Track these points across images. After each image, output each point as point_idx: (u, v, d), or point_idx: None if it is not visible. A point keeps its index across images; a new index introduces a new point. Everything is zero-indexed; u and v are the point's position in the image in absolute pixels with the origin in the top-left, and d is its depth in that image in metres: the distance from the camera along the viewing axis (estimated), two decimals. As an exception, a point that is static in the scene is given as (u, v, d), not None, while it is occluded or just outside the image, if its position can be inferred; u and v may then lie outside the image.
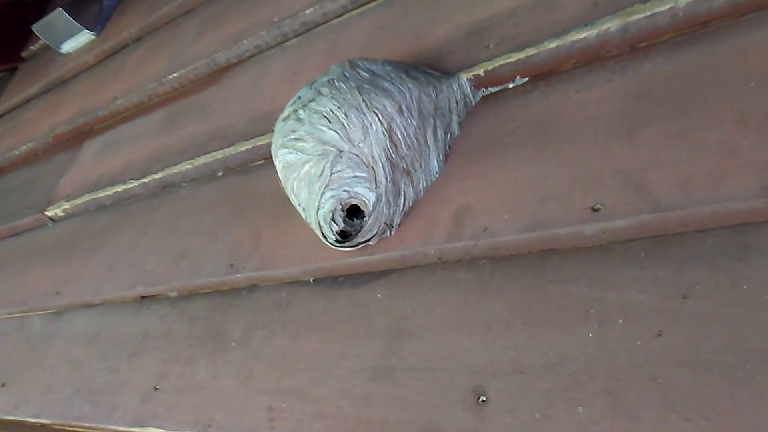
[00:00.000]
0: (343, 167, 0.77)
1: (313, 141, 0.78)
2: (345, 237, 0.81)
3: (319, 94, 0.80)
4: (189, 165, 1.22)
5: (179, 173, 1.25)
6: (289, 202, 0.87)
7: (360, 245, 0.81)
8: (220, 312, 0.99)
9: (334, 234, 0.80)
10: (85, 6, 1.89)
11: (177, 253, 1.12)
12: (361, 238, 0.80)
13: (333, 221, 0.80)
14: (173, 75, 1.43)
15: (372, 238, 0.80)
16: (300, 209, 0.84)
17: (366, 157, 0.77)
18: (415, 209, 0.80)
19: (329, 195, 0.79)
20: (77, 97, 1.78)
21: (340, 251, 0.83)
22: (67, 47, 1.92)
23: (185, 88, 1.43)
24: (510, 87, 0.82)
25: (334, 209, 0.79)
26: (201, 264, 1.05)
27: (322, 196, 0.79)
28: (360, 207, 0.79)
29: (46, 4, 2.20)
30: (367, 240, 0.80)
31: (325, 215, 0.80)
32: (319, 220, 0.81)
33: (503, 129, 0.78)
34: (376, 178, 0.77)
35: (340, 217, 0.80)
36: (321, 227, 0.81)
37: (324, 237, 0.82)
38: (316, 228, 0.82)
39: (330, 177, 0.78)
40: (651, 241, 0.61)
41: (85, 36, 1.87)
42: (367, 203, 0.78)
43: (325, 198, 0.79)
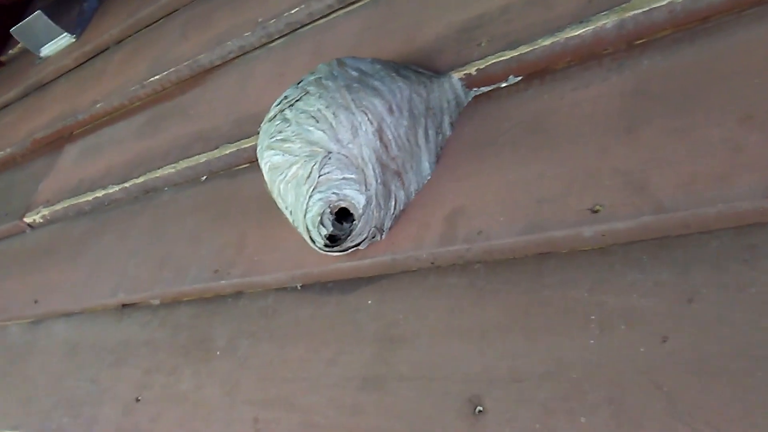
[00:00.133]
0: (332, 169, 0.75)
1: (301, 142, 0.76)
2: (334, 241, 0.78)
3: (306, 93, 0.77)
4: (172, 169, 1.19)
5: (161, 177, 1.22)
6: (276, 205, 0.84)
7: (349, 250, 0.78)
8: (204, 320, 0.96)
9: (322, 238, 0.78)
10: (65, 9, 1.86)
11: (159, 260, 1.09)
12: (351, 242, 0.77)
13: (321, 225, 0.77)
14: (155, 77, 1.39)
15: (362, 242, 0.77)
16: (287, 213, 0.81)
17: (355, 158, 0.74)
18: (407, 212, 0.78)
19: (317, 198, 0.76)
20: (57, 101, 1.74)
21: (328, 256, 0.80)
22: (47, 51, 1.89)
23: (168, 90, 1.40)
24: (503, 86, 0.79)
25: (322, 212, 0.76)
26: (184, 270, 1.02)
27: (309, 198, 0.76)
28: (349, 210, 0.76)
29: (25, 6, 2.16)
30: (357, 244, 0.77)
31: (313, 219, 0.77)
32: (307, 223, 0.78)
33: (497, 129, 0.76)
34: (366, 180, 0.74)
35: (328, 221, 0.77)
36: (309, 231, 0.78)
37: (312, 241, 0.79)
38: (303, 232, 0.79)
39: (318, 179, 0.75)
40: (653, 244, 0.58)
41: (65, 39, 1.84)
42: (357, 206, 0.75)
43: (313, 201, 0.76)
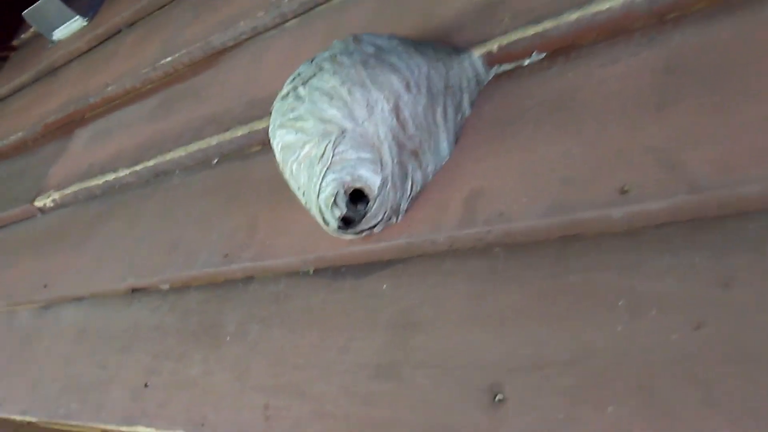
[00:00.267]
0: (347, 148, 0.72)
1: (314, 120, 0.73)
2: (348, 224, 0.75)
3: (321, 69, 0.74)
4: (182, 152, 1.17)
5: (172, 161, 1.20)
6: (288, 187, 0.81)
7: (364, 233, 0.75)
8: (214, 305, 0.94)
9: (336, 220, 0.75)
10: (78, -9, 1.85)
11: (169, 244, 1.07)
12: (365, 224, 0.74)
13: (335, 206, 0.74)
14: (167, 59, 1.37)
15: (377, 224, 0.74)
16: (299, 194, 0.79)
17: (371, 137, 0.71)
18: (424, 194, 0.75)
19: (331, 178, 0.73)
20: (68, 85, 1.73)
21: (342, 239, 0.78)
22: (59, 34, 1.87)
23: (180, 72, 1.38)
24: (525, 63, 0.76)
25: (336, 193, 0.73)
26: (194, 254, 1.00)
27: (323, 179, 0.73)
28: (364, 191, 0.74)
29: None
30: (372, 227, 0.75)
31: (327, 200, 0.74)
32: (320, 205, 0.75)
33: (519, 108, 0.73)
34: (381, 159, 0.71)
35: (342, 202, 0.74)
36: (322, 213, 0.76)
37: (325, 223, 0.76)
38: (316, 214, 0.77)
39: (332, 158, 0.72)
40: (686, 226, 0.55)
41: (77, 22, 1.82)
42: (372, 187, 0.72)
43: (327, 181, 0.73)
